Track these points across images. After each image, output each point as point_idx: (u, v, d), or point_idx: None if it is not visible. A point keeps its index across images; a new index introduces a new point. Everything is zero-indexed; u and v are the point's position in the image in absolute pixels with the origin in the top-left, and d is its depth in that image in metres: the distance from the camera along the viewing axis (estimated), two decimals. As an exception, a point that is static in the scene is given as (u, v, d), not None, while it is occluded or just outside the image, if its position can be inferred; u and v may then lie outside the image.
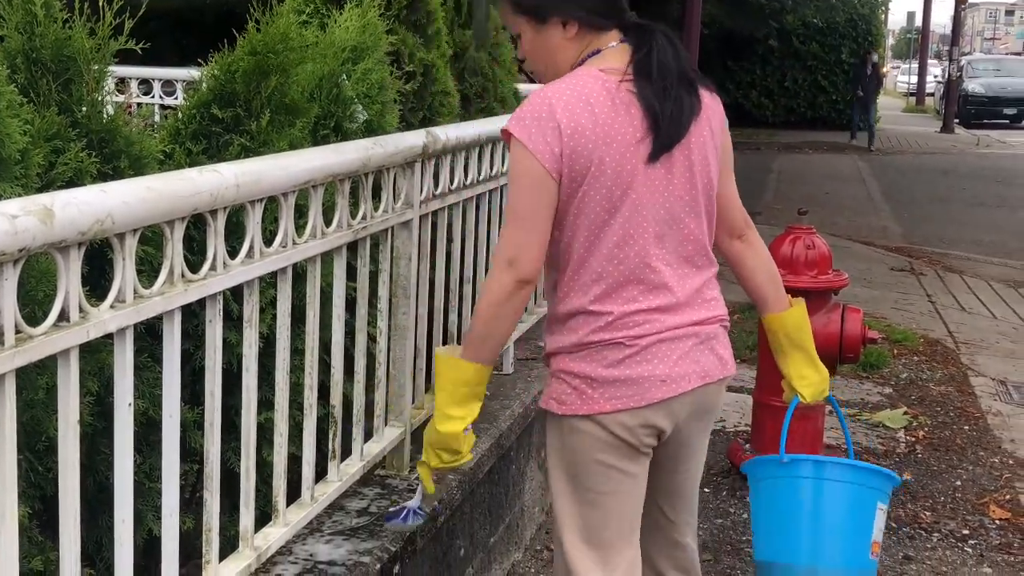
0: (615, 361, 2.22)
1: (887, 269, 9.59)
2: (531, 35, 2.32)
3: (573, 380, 2.25)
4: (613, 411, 2.23)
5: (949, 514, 4.35)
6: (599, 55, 2.28)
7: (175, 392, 1.91)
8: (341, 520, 2.63)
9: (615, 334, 2.22)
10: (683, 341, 2.26)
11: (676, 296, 2.26)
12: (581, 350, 2.24)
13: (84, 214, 1.53)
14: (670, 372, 2.23)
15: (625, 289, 2.23)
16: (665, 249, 2.25)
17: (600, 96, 2.18)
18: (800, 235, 4.31)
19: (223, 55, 2.63)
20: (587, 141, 2.16)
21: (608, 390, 2.22)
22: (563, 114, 2.16)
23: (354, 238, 2.55)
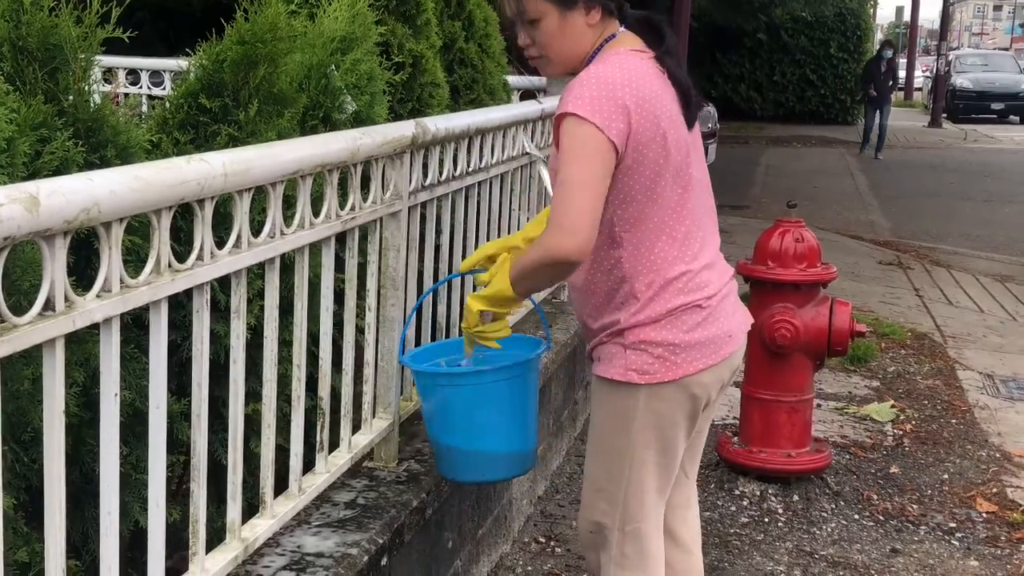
0: (694, 324, 2.38)
1: (875, 263, 9.60)
2: (555, 20, 2.38)
3: (655, 349, 2.38)
4: (696, 372, 2.40)
5: (936, 507, 4.36)
6: (616, 39, 2.42)
7: (162, 383, 1.90)
8: (329, 512, 2.62)
9: (693, 296, 2.38)
10: (730, 297, 2.49)
11: (713, 252, 2.48)
12: (663, 318, 2.38)
13: (70, 203, 1.51)
14: (730, 327, 2.45)
15: (689, 248, 2.41)
16: (702, 210, 2.47)
17: (649, 74, 2.35)
18: (789, 228, 4.30)
19: (211, 45, 2.61)
20: (651, 115, 2.30)
21: (691, 353, 2.39)
22: (625, 90, 2.28)
23: (343, 229, 2.54)
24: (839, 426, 5.23)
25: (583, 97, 2.27)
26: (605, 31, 2.42)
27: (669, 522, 2.65)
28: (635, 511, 2.49)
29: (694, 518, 2.73)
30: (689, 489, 2.70)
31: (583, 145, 2.26)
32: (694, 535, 2.72)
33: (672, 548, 2.66)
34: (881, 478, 4.61)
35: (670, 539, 2.65)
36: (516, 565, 3.71)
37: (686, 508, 2.70)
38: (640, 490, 2.48)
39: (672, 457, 2.50)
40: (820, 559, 3.87)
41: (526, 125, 3.86)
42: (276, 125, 2.66)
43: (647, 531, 2.51)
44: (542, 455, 4.20)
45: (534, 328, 4.21)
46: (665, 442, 2.46)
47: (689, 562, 2.70)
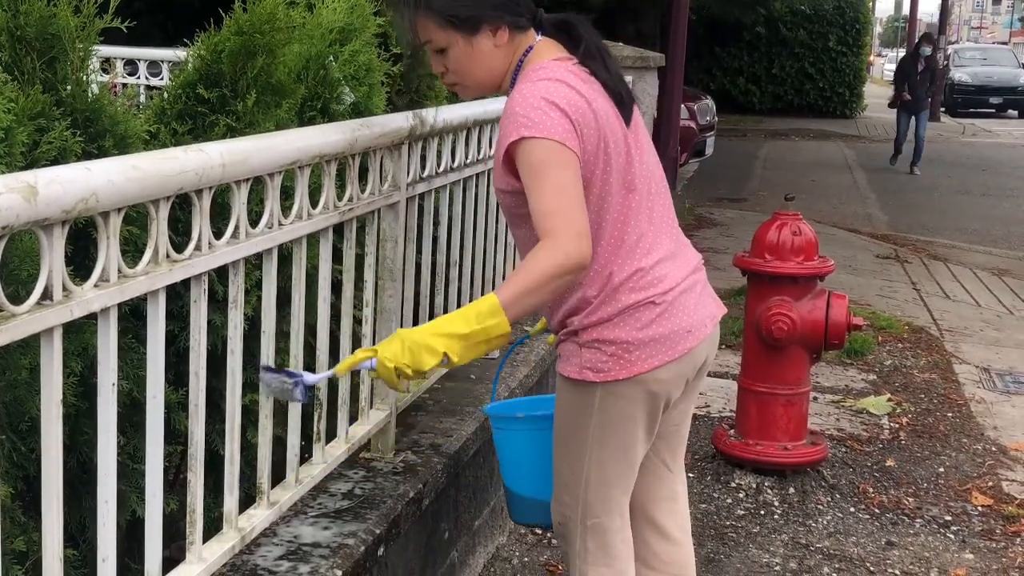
0: (648, 321, 2.35)
1: (872, 256, 9.61)
2: (462, 47, 2.34)
3: (609, 347, 2.36)
4: (651, 369, 2.36)
5: (932, 500, 4.37)
6: (534, 51, 2.37)
7: (159, 373, 1.90)
8: (326, 503, 2.63)
9: (646, 293, 2.35)
10: (694, 289, 2.44)
11: (670, 246, 2.43)
12: (615, 317, 2.35)
13: (68, 192, 1.52)
14: (691, 321, 2.40)
15: (640, 247, 2.37)
16: (653, 203, 2.42)
17: (576, 80, 2.29)
18: (787, 221, 4.31)
19: (209, 35, 2.61)
20: (590, 120, 2.26)
21: (645, 350, 2.35)
22: (563, 103, 2.22)
23: (340, 220, 2.54)
24: (835, 419, 5.24)
25: (529, 119, 2.19)
26: (520, 47, 2.37)
27: (655, 515, 2.66)
28: (595, 506, 2.49)
29: (682, 509, 2.72)
30: (673, 482, 2.68)
31: (552, 157, 2.18)
32: (683, 526, 2.72)
33: (661, 541, 2.67)
34: (877, 471, 4.62)
35: (657, 532, 2.67)
36: (512, 556, 3.72)
37: (672, 501, 2.69)
38: (600, 486, 2.47)
39: (632, 454, 2.48)
40: (816, 551, 3.88)
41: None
42: (274, 116, 2.66)
43: (609, 526, 2.51)
44: (539, 447, 4.20)
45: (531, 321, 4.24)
46: (623, 439, 2.44)
47: (680, 553, 2.70)
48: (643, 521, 2.65)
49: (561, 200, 2.16)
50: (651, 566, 2.67)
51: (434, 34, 2.34)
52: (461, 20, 2.31)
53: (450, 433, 3.14)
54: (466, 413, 3.31)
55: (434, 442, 3.06)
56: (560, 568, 3.66)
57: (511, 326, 2.14)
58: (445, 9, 2.30)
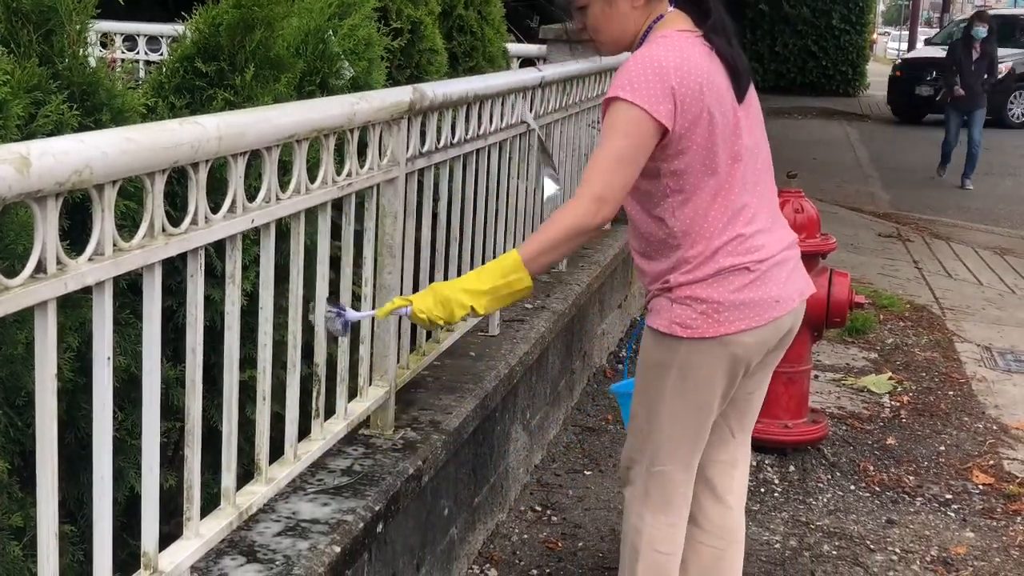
0: (741, 286, 2.47)
1: (874, 235, 9.59)
2: (601, 6, 2.52)
3: (700, 306, 2.48)
4: (737, 332, 2.48)
5: (932, 479, 4.36)
6: (664, 20, 2.52)
7: (155, 347, 1.88)
8: (324, 479, 2.62)
9: (743, 259, 2.47)
10: (787, 264, 2.56)
11: (768, 219, 2.55)
12: (710, 277, 2.47)
13: (62, 164, 1.50)
14: (780, 293, 2.51)
15: (743, 215, 2.49)
16: (757, 177, 2.53)
17: (695, 53, 2.43)
18: (789, 198, 4.29)
19: (208, 8, 2.59)
20: (696, 93, 2.39)
21: (734, 313, 2.47)
22: (671, 72, 2.37)
23: (339, 195, 2.52)
24: (836, 397, 5.23)
25: (631, 81, 2.37)
26: (653, 12, 2.52)
27: (713, 477, 2.77)
28: (663, 455, 2.61)
29: (741, 476, 2.81)
30: (736, 449, 2.78)
31: (627, 124, 2.37)
32: (739, 493, 2.82)
33: (713, 502, 2.78)
34: (878, 449, 4.62)
35: (711, 493, 2.77)
36: (512, 533, 3.71)
37: (732, 466, 2.78)
38: (671, 436, 2.60)
39: (706, 412, 2.59)
40: (816, 529, 3.88)
41: (525, 93, 3.83)
42: (273, 90, 2.64)
43: (672, 477, 2.63)
44: (539, 424, 4.20)
45: (531, 298, 4.23)
46: (700, 396, 2.56)
47: (730, 517, 2.80)
48: (700, 482, 2.74)
49: (606, 163, 2.37)
50: (701, 526, 2.78)
51: None
52: None
53: (450, 410, 3.13)
54: (466, 390, 3.30)
55: (433, 419, 3.05)
56: (559, 545, 3.66)
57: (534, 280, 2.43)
58: None
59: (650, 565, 2.67)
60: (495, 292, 2.40)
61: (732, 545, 2.80)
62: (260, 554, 2.27)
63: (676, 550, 2.69)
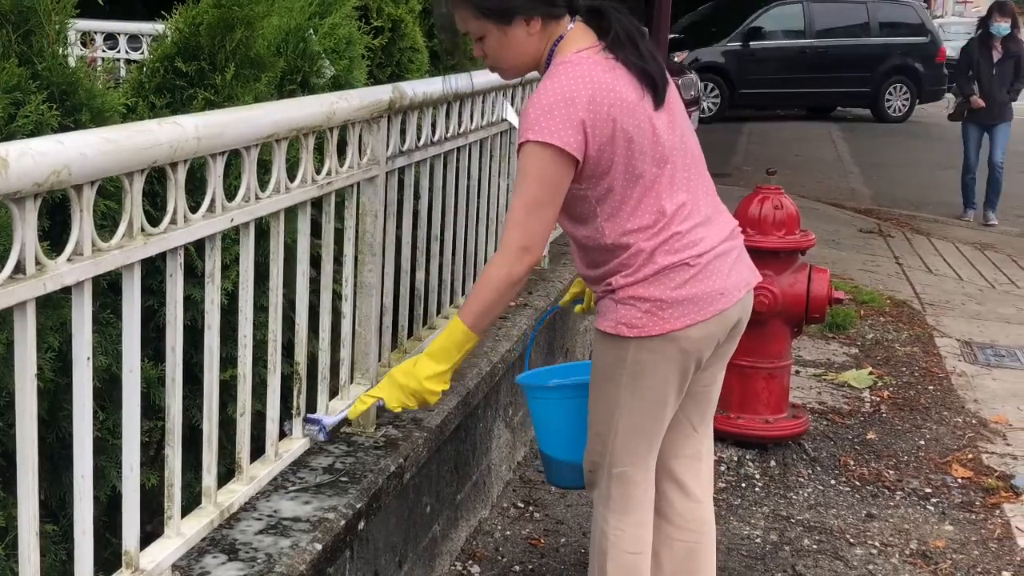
0: (682, 282, 2.49)
1: (855, 231, 9.63)
2: (497, 37, 2.49)
3: (643, 304, 2.50)
4: (683, 327, 2.50)
5: (912, 473, 4.40)
6: (565, 40, 2.49)
7: (135, 347, 1.89)
8: (306, 477, 2.63)
9: (681, 255, 2.48)
10: (729, 255, 2.57)
11: (706, 212, 2.56)
12: (651, 277, 2.49)
13: (40, 165, 1.50)
14: (724, 284, 2.53)
15: (678, 214, 2.50)
16: (688, 174, 2.54)
17: (596, 72, 2.41)
18: (768, 195, 4.31)
19: (188, 8, 2.59)
20: (605, 115, 2.39)
21: (678, 309, 2.49)
22: (577, 100, 2.37)
23: (319, 194, 2.53)
24: (817, 392, 5.26)
25: (538, 119, 2.37)
26: (553, 34, 2.50)
27: (678, 472, 2.79)
28: (622, 456, 2.63)
29: (706, 469, 2.84)
30: (699, 443, 2.80)
31: (538, 168, 2.38)
32: (705, 486, 2.84)
33: (682, 498, 2.81)
34: (858, 444, 4.65)
35: (679, 489, 2.80)
36: (494, 530, 3.73)
37: (696, 460, 2.80)
38: (628, 436, 2.61)
39: (661, 409, 2.61)
40: (796, 524, 3.90)
41: (506, 91, 3.85)
42: (253, 89, 2.65)
43: (633, 477, 2.65)
44: (521, 422, 4.22)
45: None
46: (653, 393, 2.57)
47: (698, 510, 2.83)
48: (666, 477, 2.77)
49: (528, 215, 2.40)
50: (671, 521, 2.80)
51: (471, 24, 2.51)
52: (494, 12, 2.46)
53: (431, 408, 3.14)
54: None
55: (415, 417, 3.06)
56: (542, 541, 3.67)
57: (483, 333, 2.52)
58: (480, 2, 2.46)
59: (620, 567, 2.68)
60: (455, 366, 2.50)
61: (704, 537, 2.83)
62: (242, 552, 2.28)
63: (644, 548, 2.70)
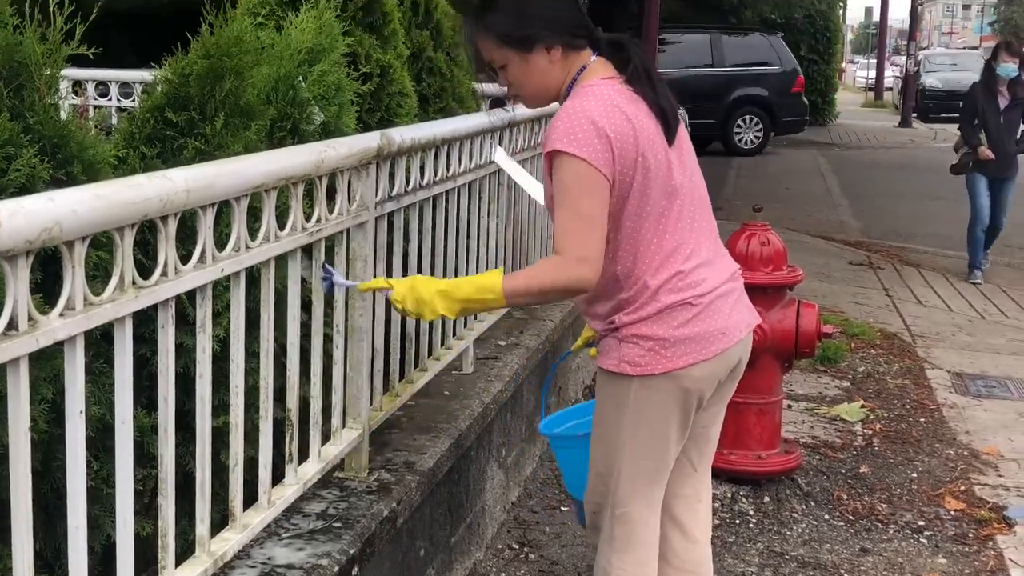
0: (684, 321, 2.51)
1: (845, 263, 9.67)
2: (519, 65, 2.56)
3: (646, 343, 2.52)
4: (686, 366, 2.52)
5: (905, 506, 4.41)
6: (587, 70, 2.55)
7: (127, 398, 1.91)
8: (299, 523, 2.63)
9: (684, 295, 2.51)
10: (730, 295, 2.60)
11: (708, 254, 2.59)
12: (654, 315, 2.51)
13: (31, 223, 1.53)
14: (726, 324, 2.55)
15: (681, 251, 2.53)
16: (694, 213, 2.57)
17: (621, 100, 2.47)
18: (755, 232, 4.35)
19: (177, 59, 2.62)
20: (630, 139, 2.44)
21: (680, 348, 2.51)
22: (604, 122, 2.42)
23: (309, 241, 2.55)
24: (810, 427, 5.28)
25: (569, 134, 2.41)
26: (574, 65, 2.56)
27: (677, 512, 2.79)
28: (624, 496, 2.63)
29: (705, 511, 2.84)
30: (699, 482, 2.80)
31: (580, 181, 2.41)
32: (703, 526, 2.84)
33: (680, 538, 2.81)
34: (851, 478, 4.66)
35: (677, 529, 2.80)
36: (489, 572, 3.73)
37: (695, 500, 2.80)
38: (631, 476, 2.62)
39: (664, 448, 2.61)
40: (791, 560, 3.91)
41: (494, 133, 3.88)
42: (243, 138, 2.67)
43: (636, 516, 2.65)
44: (515, 462, 4.22)
45: (505, 335, 4.26)
46: (656, 432, 2.58)
47: (695, 551, 2.83)
48: (665, 516, 2.76)
49: (578, 223, 2.41)
50: (669, 561, 2.80)
51: (494, 53, 2.57)
52: (515, 40, 2.53)
53: (424, 450, 3.15)
54: (440, 430, 3.32)
55: (408, 460, 3.07)
56: (537, 582, 3.67)
57: None
58: (501, 30, 2.53)
59: None
60: (467, 304, 2.50)
61: None
62: (236, 600, 2.28)
63: None
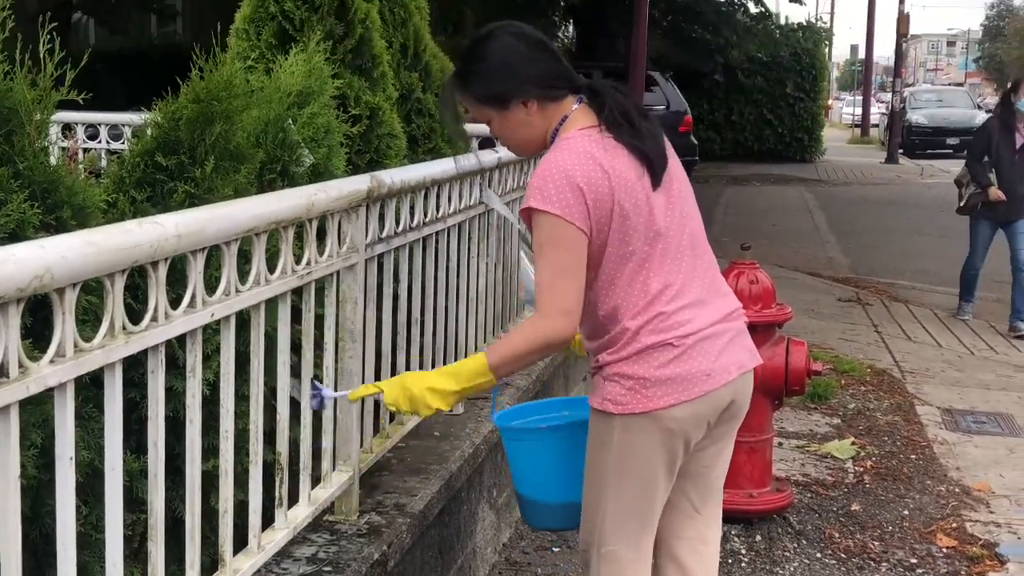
0: (665, 361, 2.50)
1: (834, 300, 9.70)
2: (499, 120, 2.61)
3: (627, 382, 2.52)
4: (667, 407, 2.50)
5: (897, 543, 4.40)
6: (569, 120, 2.58)
7: (117, 445, 1.90)
8: (289, 568, 2.62)
9: (665, 336, 2.50)
10: (720, 336, 2.57)
11: (698, 294, 2.57)
12: (635, 355, 2.51)
13: (22, 270, 1.53)
14: (712, 366, 2.53)
15: (665, 294, 2.52)
16: (680, 254, 2.56)
17: (596, 149, 2.49)
18: (744, 270, 4.36)
19: (167, 103, 2.63)
20: (605, 190, 2.45)
21: (661, 388, 2.50)
22: (577, 175, 2.45)
23: (299, 284, 2.56)
24: (801, 464, 5.27)
25: (542, 190, 2.45)
26: (554, 115, 2.58)
27: (679, 553, 2.75)
28: (610, 534, 2.62)
29: (711, 555, 2.79)
30: (703, 525, 2.76)
31: (556, 236, 2.45)
32: (709, 570, 2.78)
33: None
34: (843, 516, 4.65)
35: (679, 571, 2.75)
36: (481, 613, 3.71)
37: (700, 543, 2.75)
38: (616, 515, 2.61)
39: (650, 488, 2.59)
40: (783, 599, 3.89)
41: (483, 174, 3.90)
42: (233, 181, 2.68)
43: (622, 556, 2.63)
44: (506, 503, 4.21)
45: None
46: (639, 472, 2.57)
47: None
48: (667, 558, 2.74)
49: (557, 279, 2.45)
50: None
51: (476, 111, 2.65)
52: (491, 98, 2.58)
53: (414, 492, 3.14)
54: (431, 471, 3.31)
55: (398, 502, 3.06)
56: (529, 624, 3.65)
57: None
58: (477, 91, 2.60)
59: None
60: (461, 393, 2.54)
61: None
62: (226, 646, 2.26)
63: None
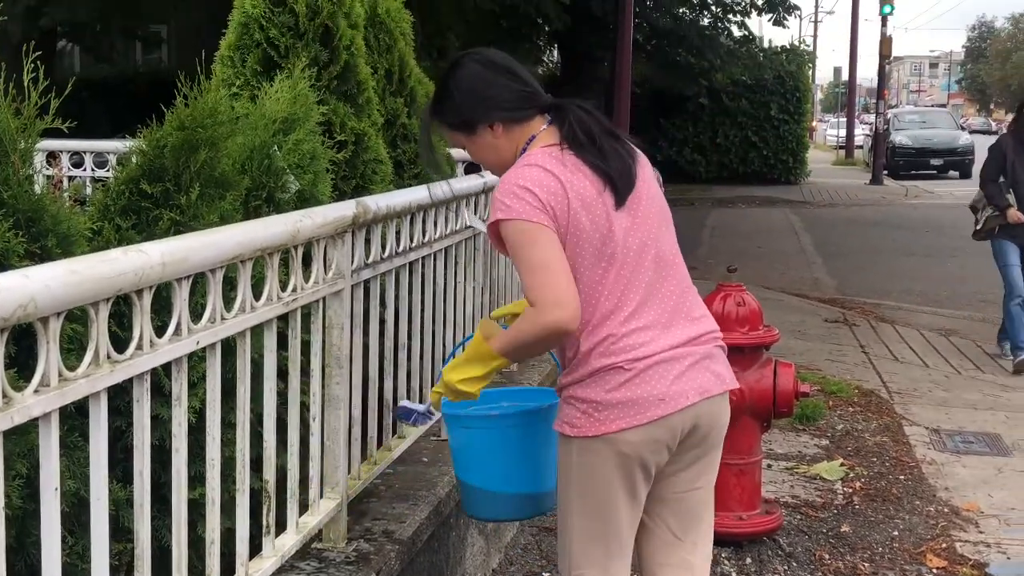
0: (616, 385, 2.47)
1: (821, 321, 9.71)
2: (470, 145, 2.68)
3: (581, 405, 2.51)
4: (618, 430, 2.48)
5: (887, 564, 4.39)
6: (536, 139, 2.60)
7: (102, 474, 1.89)
8: (278, 595, 2.60)
9: (615, 359, 2.47)
10: (680, 361, 2.52)
11: (657, 316, 2.52)
12: (587, 378, 2.50)
13: (6, 300, 1.52)
14: (667, 391, 2.48)
15: (616, 315, 2.49)
16: (638, 275, 2.52)
17: (553, 164, 2.51)
18: (730, 292, 4.37)
19: (152, 131, 2.63)
20: (559, 193, 2.46)
21: (612, 412, 2.48)
22: (526, 181, 2.47)
23: (285, 310, 2.55)
24: (790, 486, 5.27)
25: (499, 205, 2.48)
26: (521, 136, 2.62)
27: None
28: (578, 559, 2.60)
29: None
30: (687, 552, 2.68)
31: (524, 237, 2.44)
32: None
33: None
34: (832, 537, 4.64)
35: None
36: (471, 639, 3.69)
37: (684, 569, 2.68)
38: (580, 539, 2.59)
39: (611, 512, 2.55)
40: (774, 621, 3.88)
41: (468, 199, 3.91)
42: (218, 208, 2.68)
43: None
44: (495, 527, 4.19)
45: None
46: (598, 495, 2.55)
47: None
48: None
49: (539, 274, 2.41)
50: None
51: (448, 137, 2.75)
52: (459, 125, 2.66)
53: (403, 519, 3.13)
54: (419, 497, 3.30)
55: (387, 529, 3.05)
56: (519, 650, 3.63)
57: None
58: (445, 118, 2.68)
59: None
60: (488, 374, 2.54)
61: None
62: (213, 676, 2.25)
63: None
